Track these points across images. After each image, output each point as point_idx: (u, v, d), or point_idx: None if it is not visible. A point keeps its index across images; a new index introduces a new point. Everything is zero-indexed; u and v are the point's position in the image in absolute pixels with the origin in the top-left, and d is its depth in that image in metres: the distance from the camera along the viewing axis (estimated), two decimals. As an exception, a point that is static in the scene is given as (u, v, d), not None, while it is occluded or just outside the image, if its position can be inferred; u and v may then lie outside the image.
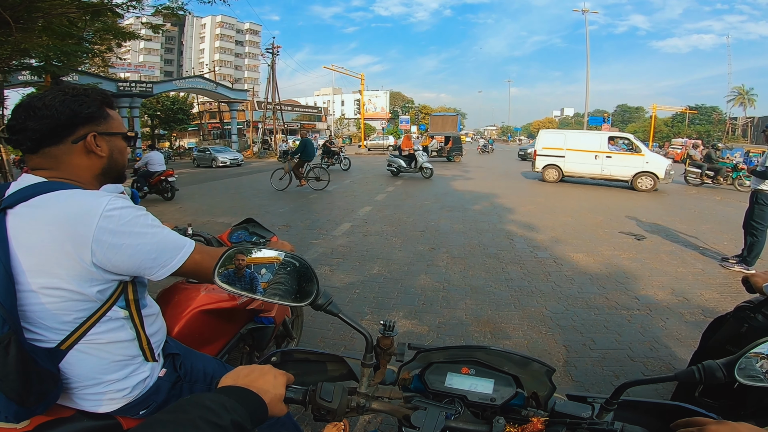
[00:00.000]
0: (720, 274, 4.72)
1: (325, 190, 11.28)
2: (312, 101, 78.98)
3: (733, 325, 1.85)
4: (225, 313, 1.79)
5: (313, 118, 62.69)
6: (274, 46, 34.07)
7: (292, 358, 0.94)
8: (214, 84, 32.37)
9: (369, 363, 0.80)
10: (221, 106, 36.65)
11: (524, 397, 0.78)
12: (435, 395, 0.78)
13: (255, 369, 0.71)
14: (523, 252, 5.42)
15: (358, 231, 6.57)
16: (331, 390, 0.74)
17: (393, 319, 0.82)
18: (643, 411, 0.79)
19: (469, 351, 0.80)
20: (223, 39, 76.84)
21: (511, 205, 9.11)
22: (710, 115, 67.30)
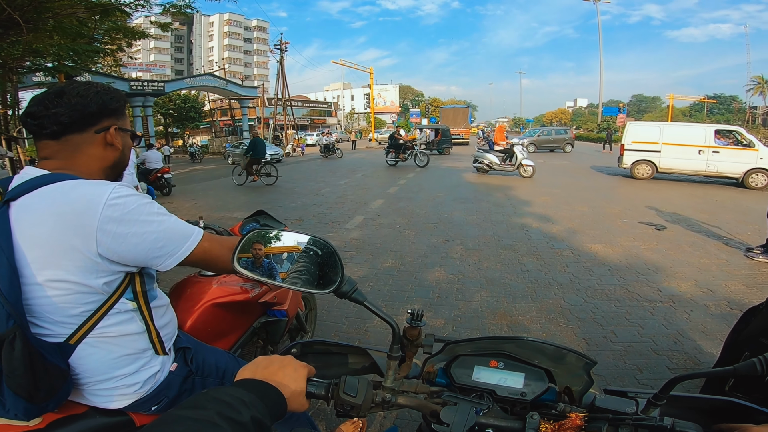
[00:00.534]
0: (745, 265, 4.56)
1: (341, 185, 11.29)
2: (322, 96, 79.26)
3: (766, 316, 1.77)
4: (237, 306, 1.78)
5: (323, 113, 62.99)
6: (282, 42, 34.19)
7: (313, 350, 0.90)
8: (224, 81, 32.59)
9: (395, 355, 0.75)
10: (232, 103, 36.90)
11: (556, 392, 0.74)
12: (461, 389, 0.75)
13: (275, 360, 0.67)
14: (539, 243, 5.32)
15: (370, 224, 6.53)
16: (355, 384, 0.70)
17: (421, 308, 0.77)
18: (686, 406, 0.74)
19: (500, 343, 0.75)
20: (232, 37, 77.49)
21: (526, 196, 8.96)
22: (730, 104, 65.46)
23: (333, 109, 66.34)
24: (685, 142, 11.49)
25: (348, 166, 17.43)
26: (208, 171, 19.18)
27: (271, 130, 35.08)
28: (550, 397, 0.73)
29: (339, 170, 15.68)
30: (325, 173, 14.78)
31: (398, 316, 3.35)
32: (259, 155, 11.76)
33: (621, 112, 47.63)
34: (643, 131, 12.36)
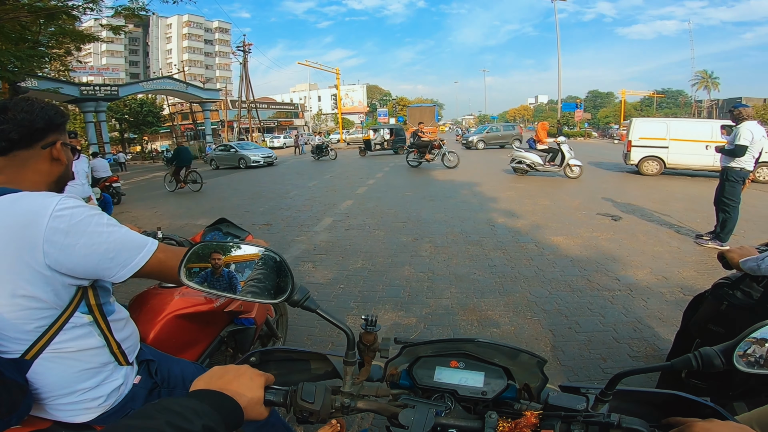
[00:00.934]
0: (695, 251, 4.86)
1: (309, 187, 11.16)
2: (288, 98, 78.16)
3: (712, 303, 1.84)
4: (202, 316, 1.74)
5: (289, 115, 62.18)
6: (245, 43, 33.52)
7: (274, 358, 0.90)
8: (184, 84, 31.51)
9: (351, 360, 0.76)
10: (193, 106, 35.72)
11: (516, 390, 0.76)
12: (424, 391, 0.76)
13: (230, 370, 0.67)
14: (504, 238, 5.46)
15: (340, 225, 6.49)
16: (312, 390, 0.71)
17: (375, 314, 0.79)
18: (637, 400, 0.78)
19: (458, 344, 0.77)
20: (191, 38, 75.66)
21: (491, 192, 9.17)
22: (677, 98, 69.51)
23: (300, 110, 65.58)
24: (692, 137, 11.49)
25: (318, 167, 17.27)
26: (170, 177, 18.48)
27: (236, 133, 34.20)
28: (510, 395, 0.75)
29: (307, 172, 15.51)
30: (293, 176, 14.58)
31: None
32: (183, 163, 12.15)
33: (578, 107, 49.58)
34: (650, 127, 12.24)
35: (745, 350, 0.63)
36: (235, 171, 18.52)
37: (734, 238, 5.01)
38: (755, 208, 7.06)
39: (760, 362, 0.64)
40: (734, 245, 4.80)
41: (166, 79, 32.31)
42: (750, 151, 4.88)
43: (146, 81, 32.08)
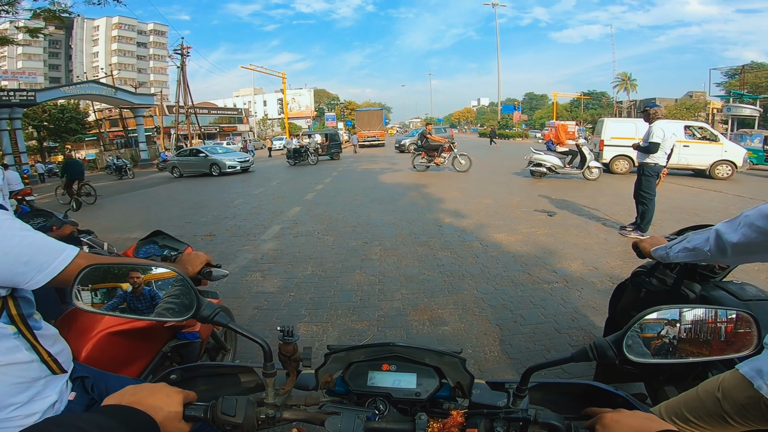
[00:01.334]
0: (620, 241, 5.32)
1: (255, 194, 10.80)
2: (231, 103, 75.35)
3: (632, 291, 1.92)
4: (140, 332, 1.66)
5: (233, 120, 59.90)
6: (183, 46, 31.89)
7: (201, 374, 0.89)
8: (112, 89, 29.21)
9: (270, 372, 0.76)
10: (124, 112, 33.25)
11: (450, 388, 0.76)
12: (359, 396, 0.76)
13: (144, 387, 0.66)
14: (451, 237, 5.64)
15: (288, 233, 6.36)
16: (233, 403, 0.70)
17: (291, 325, 0.78)
18: (559, 391, 0.80)
19: (381, 348, 0.77)
20: (122, 41, 71.56)
21: (438, 193, 9.44)
22: (600, 99, 75.59)
23: (244, 115, 63.41)
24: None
25: (264, 174, 16.78)
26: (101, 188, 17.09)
27: (173, 140, 32.32)
28: (445, 393, 0.76)
29: (253, 180, 15.02)
30: (238, 184, 14.06)
31: (323, 324, 3.33)
32: (74, 176, 11.84)
33: (516, 109, 52.50)
34: (620, 127, 12.78)
35: (633, 340, 0.67)
36: (176, 181, 17.52)
37: (652, 228, 5.55)
38: (670, 200, 7.88)
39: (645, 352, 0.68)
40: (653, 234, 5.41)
41: (92, 83, 29.78)
42: (662, 148, 5.39)
43: (68, 85, 29.34)
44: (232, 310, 3.53)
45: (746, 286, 1.62)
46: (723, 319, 0.75)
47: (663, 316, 0.71)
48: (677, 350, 0.71)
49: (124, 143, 36.21)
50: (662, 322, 0.71)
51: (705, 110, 53.05)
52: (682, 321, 0.72)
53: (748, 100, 20.69)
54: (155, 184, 16.33)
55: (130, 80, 59.33)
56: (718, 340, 0.74)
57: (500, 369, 2.63)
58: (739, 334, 0.75)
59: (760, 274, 3.93)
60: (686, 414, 1.15)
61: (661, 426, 0.61)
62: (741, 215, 1.03)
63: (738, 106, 19.03)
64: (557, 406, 0.75)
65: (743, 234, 1.00)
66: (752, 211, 0.99)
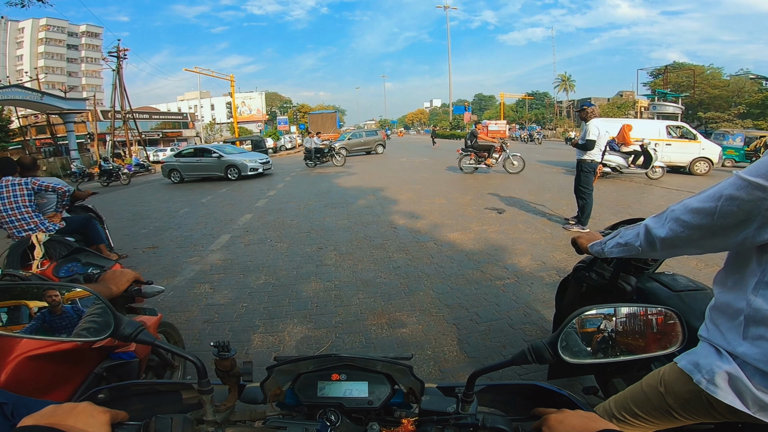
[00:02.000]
0: (564, 236, 5.59)
1: (202, 203, 10.27)
2: (176, 107, 71.68)
3: (575, 286, 1.97)
4: (65, 354, 1.54)
5: (177, 125, 57.15)
6: (119, 49, 30.01)
7: (135, 392, 0.84)
8: (38, 94, 26.79)
9: (206, 389, 0.72)
10: (52, 118, 30.61)
11: (403, 394, 0.75)
12: (310, 407, 0.74)
13: (64, 407, 0.61)
14: (406, 239, 5.67)
15: (238, 242, 6.10)
16: (168, 422, 0.67)
17: (226, 340, 0.75)
18: (508, 392, 0.81)
19: (328, 359, 0.75)
20: (50, 43, 66.39)
21: (392, 195, 9.48)
22: (543, 100, 79.82)
23: (190, 119, 60.53)
24: (643, 136, 12.25)
25: (218, 183, 16.04)
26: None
27: (109, 146, 30.20)
28: (398, 400, 0.74)
29: (201, 187, 14.31)
30: (183, 192, 13.34)
31: (278, 333, 3.21)
32: None
33: (467, 110, 54.17)
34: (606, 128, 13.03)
35: (569, 341, 0.68)
36: (124, 188, 16.30)
37: (591, 221, 5.90)
38: (607, 194, 8.44)
39: (581, 351, 0.69)
40: (592, 227, 5.72)
41: (14, 87, 27.10)
42: (597, 145, 5.72)
43: (-14, 90, 26.55)
44: (180, 324, 3.35)
45: (677, 276, 1.71)
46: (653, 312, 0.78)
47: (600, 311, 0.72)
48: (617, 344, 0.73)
49: (52, 151, 33.24)
50: (600, 317, 0.72)
51: (634, 108, 57.67)
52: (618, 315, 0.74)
53: (671, 99, 22.72)
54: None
55: (60, 84, 55.12)
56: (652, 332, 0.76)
57: (459, 368, 2.65)
58: (669, 326, 0.78)
59: (690, 261, 4.28)
60: (634, 409, 1.16)
61: (602, 425, 0.62)
62: (667, 210, 1.01)
63: (662, 104, 20.85)
64: (507, 407, 0.75)
65: (670, 228, 0.99)
66: (678, 206, 0.98)
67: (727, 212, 0.84)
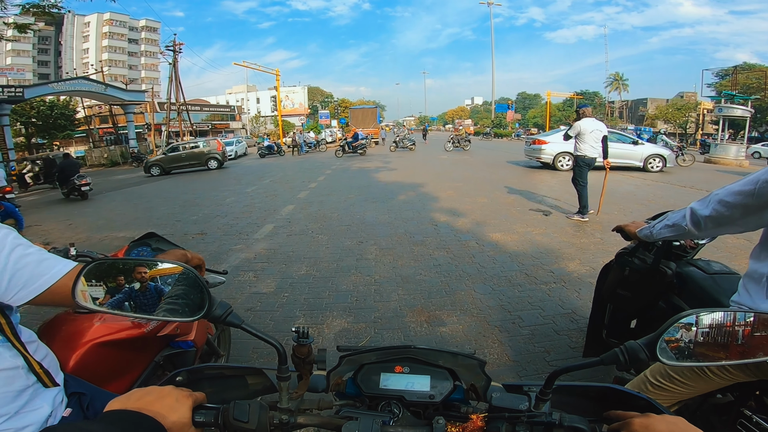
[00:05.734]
0: (615, 241, 5.27)
1: (247, 192, 10.66)
2: (224, 100, 74.83)
3: (617, 270, 2.05)
4: (131, 342, 1.56)
5: (225, 118, 59.50)
6: (175, 43, 31.63)
7: (206, 376, 0.85)
8: (102, 85, 28.78)
9: (284, 375, 0.72)
10: (114, 109, 32.79)
11: (464, 390, 0.75)
12: (371, 398, 0.74)
13: (152, 391, 0.62)
14: (447, 237, 5.58)
15: (281, 232, 6.25)
16: (246, 408, 0.66)
17: (306, 326, 0.76)
18: (576, 394, 0.79)
19: (396, 351, 0.75)
20: (113, 38, 71.01)
21: (433, 191, 9.38)
22: (593, 99, 76.10)
23: (237, 112, 62.94)
24: None
25: (256, 173, 16.61)
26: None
27: (164, 137, 31.94)
28: (459, 396, 0.74)
29: (245, 178, 14.85)
30: (230, 182, 13.89)
31: (318, 326, 3.25)
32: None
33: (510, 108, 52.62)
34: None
35: (666, 343, 0.64)
36: (172, 176, 17.27)
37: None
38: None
39: (681, 354, 0.65)
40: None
41: (81, 79, 29.26)
42: (587, 141, 6.25)
43: (57, 82, 28.78)
44: None
45: (712, 262, 1.84)
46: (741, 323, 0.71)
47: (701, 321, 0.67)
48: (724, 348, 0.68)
49: (113, 140, 35.68)
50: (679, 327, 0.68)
51: (696, 111, 53.67)
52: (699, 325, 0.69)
53: (739, 101, 20.85)
54: (138, 183, 16.06)
55: (121, 77, 58.83)
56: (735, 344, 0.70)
57: (502, 371, 2.56)
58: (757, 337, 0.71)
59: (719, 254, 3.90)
60: (670, 372, 1.25)
61: (690, 430, 0.60)
62: (711, 194, 1.20)
63: (729, 107, 19.15)
64: (573, 409, 0.72)
65: (714, 209, 1.17)
66: (720, 190, 1.16)
67: (764, 193, 1.01)
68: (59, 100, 32.69)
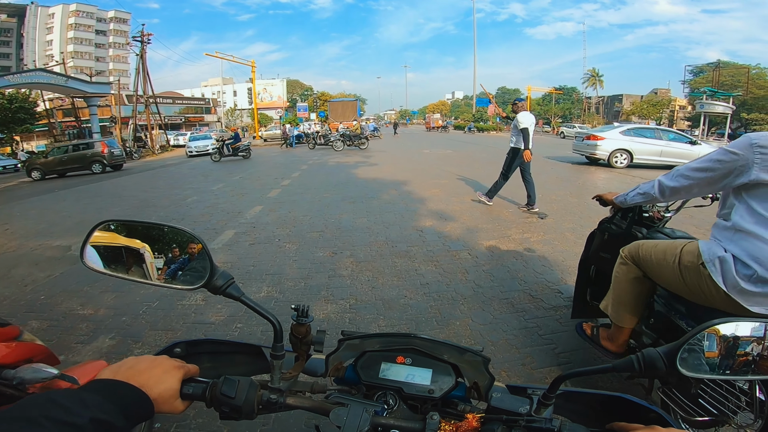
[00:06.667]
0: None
1: (212, 191, 9.69)
2: (199, 92, 72.62)
3: (599, 235, 2.40)
4: None
5: (200, 111, 57.80)
6: (143, 34, 30.22)
7: (204, 350, 0.81)
8: (63, 77, 27.13)
9: (279, 354, 0.68)
10: (77, 102, 30.93)
11: (466, 388, 0.71)
12: (369, 387, 0.70)
13: (143, 360, 0.60)
14: (435, 245, 4.86)
15: (243, 240, 5.41)
16: (235, 384, 0.63)
17: (306, 304, 0.71)
18: (581, 401, 0.70)
19: (399, 339, 0.72)
20: (79, 29, 68.20)
21: (416, 190, 8.65)
22: (571, 95, 77.19)
23: (212, 105, 61.00)
24: None
25: (229, 169, 15.55)
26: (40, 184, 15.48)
27: (131, 130, 30.30)
28: (459, 393, 0.71)
29: (214, 173, 13.80)
30: (197, 178, 12.84)
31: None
32: None
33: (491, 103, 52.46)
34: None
35: (688, 353, 0.59)
36: (132, 172, 16.01)
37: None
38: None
39: (699, 366, 0.60)
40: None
41: (39, 71, 27.43)
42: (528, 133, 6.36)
43: (12, 74, 26.82)
44: (159, 344, 2.83)
45: (676, 230, 2.12)
46: None
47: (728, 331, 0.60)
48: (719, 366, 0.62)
49: (76, 134, 33.66)
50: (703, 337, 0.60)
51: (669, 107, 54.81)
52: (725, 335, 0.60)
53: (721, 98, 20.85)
54: (100, 180, 14.80)
55: (87, 69, 56.24)
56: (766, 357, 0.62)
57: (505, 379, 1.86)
58: None
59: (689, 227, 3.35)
60: (651, 257, 1.74)
61: None
62: (674, 170, 1.67)
63: (711, 104, 19.10)
64: (578, 417, 0.67)
65: (677, 180, 1.64)
66: (682, 167, 1.64)
67: (716, 168, 1.47)
68: (20, 93, 30.66)
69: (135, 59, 32.18)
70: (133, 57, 33.12)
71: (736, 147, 1.42)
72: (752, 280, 1.39)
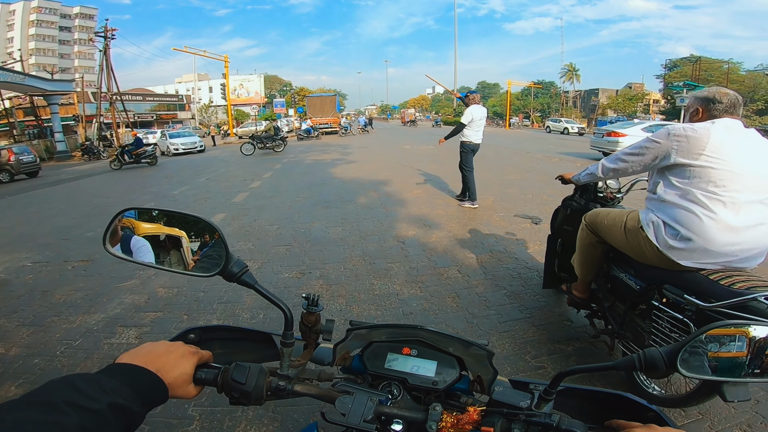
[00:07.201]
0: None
1: (173, 195, 8.81)
2: (173, 89, 70.23)
3: (563, 211, 2.83)
4: None
5: (173, 108, 55.79)
6: (107, 29, 28.78)
7: (217, 336, 0.82)
8: (21, 75, 25.49)
9: (289, 341, 0.69)
10: (36, 100, 29.19)
11: (469, 381, 0.71)
12: (374, 377, 0.72)
13: (160, 345, 0.61)
14: (419, 261, 4.22)
15: (197, 258, 4.66)
16: (245, 370, 0.64)
17: (317, 294, 0.72)
18: (582, 397, 0.71)
19: (406, 330, 0.74)
20: (42, 25, 65.67)
21: (397, 191, 8.01)
22: (549, 89, 77.85)
23: (186, 102, 58.95)
24: None
25: (197, 167, 14.57)
26: None
27: (95, 129, 28.74)
28: (463, 386, 0.72)
29: (178, 175, 12.83)
30: (159, 180, 11.88)
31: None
32: None
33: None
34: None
35: (690, 355, 0.58)
36: (93, 175, 14.83)
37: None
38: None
39: (699, 368, 0.58)
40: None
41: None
42: (473, 128, 6.31)
43: (-34, 73, 24.95)
44: None
45: (625, 207, 2.47)
46: None
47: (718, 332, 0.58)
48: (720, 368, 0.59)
49: (36, 134, 31.69)
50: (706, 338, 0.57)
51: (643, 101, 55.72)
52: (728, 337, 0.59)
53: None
54: (55, 183, 13.64)
55: (50, 66, 53.51)
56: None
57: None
58: None
59: None
60: (604, 221, 2.11)
61: None
62: (615, 153, 2.07)
63: (692, 97, 19.20)
64: (578, 413, 0.64)
65: (615, 163, 2.03)
66: (619, 152, 2.02)
67: (645, 153, 1.84)
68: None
69: (100, 55, 30.55)
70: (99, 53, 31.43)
71: (657, 137, 1.81)
72: (678, 239, 1.72)
